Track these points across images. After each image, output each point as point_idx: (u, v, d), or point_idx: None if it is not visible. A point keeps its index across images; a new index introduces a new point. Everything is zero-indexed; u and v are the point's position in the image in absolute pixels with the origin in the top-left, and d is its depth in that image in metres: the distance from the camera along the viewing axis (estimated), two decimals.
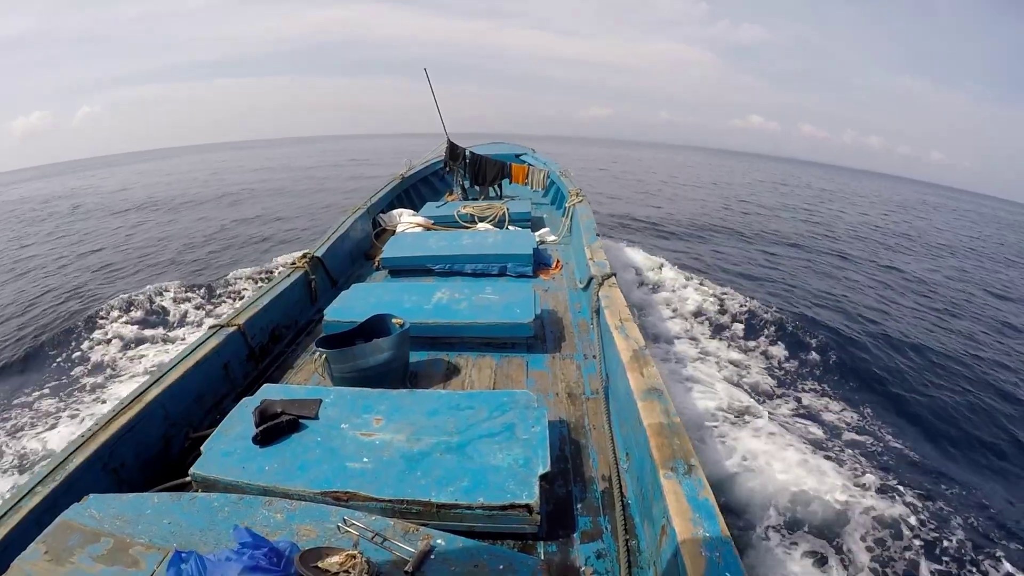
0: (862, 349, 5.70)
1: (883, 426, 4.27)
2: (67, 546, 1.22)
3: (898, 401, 4.74)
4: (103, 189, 21.88)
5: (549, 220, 5.64)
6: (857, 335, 6.11)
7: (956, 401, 4.85)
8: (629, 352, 2.14)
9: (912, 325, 6.89)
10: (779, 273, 8.67)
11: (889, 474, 3.54)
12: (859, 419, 4.33)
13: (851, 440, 3.95)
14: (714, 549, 1.20)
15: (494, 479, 1.54)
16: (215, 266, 8.00)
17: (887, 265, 10.36)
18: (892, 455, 3.86)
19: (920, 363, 5.63)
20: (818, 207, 19.91)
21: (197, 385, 2.20)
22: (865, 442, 3.95)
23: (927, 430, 4.41)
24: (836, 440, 3.90)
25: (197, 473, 1.62)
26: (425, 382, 2.51)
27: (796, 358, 5.23)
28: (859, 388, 4.88)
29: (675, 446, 1.54)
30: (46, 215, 15.05)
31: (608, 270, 3.12)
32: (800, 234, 12.66)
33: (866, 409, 4.48)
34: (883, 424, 4.30)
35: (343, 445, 1.70)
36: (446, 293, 3.02)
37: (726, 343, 5.40)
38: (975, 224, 23.67)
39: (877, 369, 5.29)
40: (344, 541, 1.26)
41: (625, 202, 15.32)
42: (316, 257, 3.55)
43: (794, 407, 4.32)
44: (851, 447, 3.83)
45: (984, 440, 4.32)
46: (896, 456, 3.87)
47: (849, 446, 3.84)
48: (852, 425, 4.20)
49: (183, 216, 13.12)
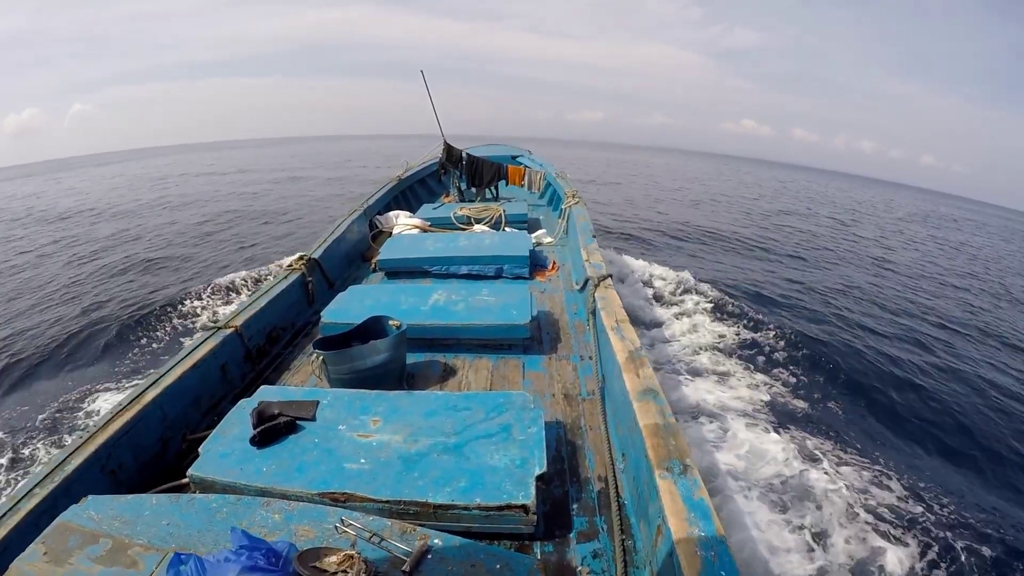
0: (855, 356, 5.74)
1: (887, 433, 4.31)
2: (66, 547, 1.23)
3: (899, 409, 4.76)
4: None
5: (545, 222, 5.66)
6: (845, 339, 6.17)
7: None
8: (625, 353, 2.15)
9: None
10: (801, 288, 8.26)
11: (891, 473, 3.58)
12: (860, 419, 4.37)
13: (854, 440, 3.98)
14: (709, 548, 1.21)
15: (491, 480, 1.55)
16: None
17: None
18: (898, 455, 3.90)
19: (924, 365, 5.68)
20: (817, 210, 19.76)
21: (194, 387, 2.20)
22: (869, 443, 3.98)
23: (926, 429, 4.45)
24: (838, 440, 3.93)
25: (195, 475, 1.63)
26: (422, 383, 2.51)
27: (798, 365, 5.25)
28: (852, 389, 4.92)
29: (671, 446, 1.56)
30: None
31: (604, 271, 3.14)
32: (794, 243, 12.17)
33: (865, 414, 4.52)
34: (887, 431, 4.34)
35: (340, 446, 1.71)
36: (443, 295, 3.03)
37: (726, 345, 5.42)
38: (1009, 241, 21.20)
39: (872, 374, 5.34)
40: (342, 541, 1.27)
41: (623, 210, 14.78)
42: (313, 259, 3.56)
43: (791, 406, 4.35)
44: (854, 446, 3.87)
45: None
46: (901, 456, 3.91)
47: (852, 446, 3.87)
48: (854, 427, 4.24)
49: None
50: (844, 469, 3.53)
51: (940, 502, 3.38)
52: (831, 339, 5.95)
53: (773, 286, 7.95)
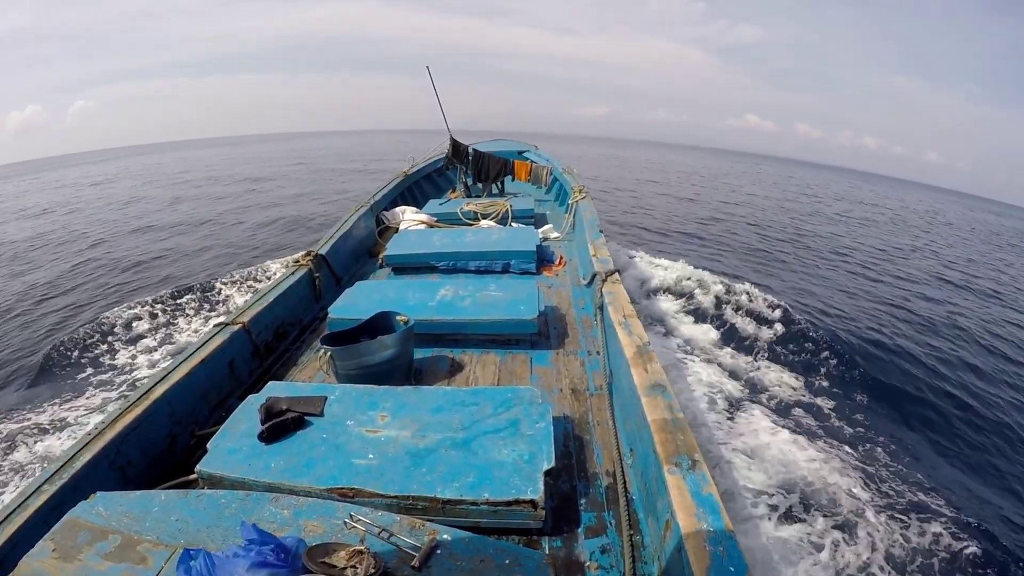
0: (869, 355, 5.68)
1: (892, 427, 4.26)
2: (75, 543, 1.23)
3: (910, 406, 4.70)
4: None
5: (552, 217, 5.64)
6: (860, 340, 6.10)
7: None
8: (633, 348, 2.14)
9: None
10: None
11: (898, 468, 3.54)
12: (865, 419, 4.32)
13: (860, 438, 3.94)
14: (718, 543, 1.20)
15: (499, 475, 1.55)
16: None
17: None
18: (905, 453, 3.86)
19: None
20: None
21: (202, 383, 2.21)
22: (877, 441, 3.94)
23: (925, 431, 4.40)
24: (845, 437, 3.90)
25: (203, 470, 1.63)
26: (430, 379, 2.51)
27: (807, 360, 5.21)
28: (866, 387, 4.86)
29: (679, 441, 1.54)
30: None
31: (611, 266, 3.12)
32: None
33: (875, 412, 4.47)
34: (892, 426, 4.29)
35: (349, 442, 1.71)
36: (450, 290, 3.02)
37: (734, 340, 5.39)
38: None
39: (892, 372, 5.28)
40: (351, 537, 1.27)
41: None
42: (320, 255, 3.56)
43: (801, 402, 4.31)
44: (860, 446, 3.83)
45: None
46: (906, 451, 3.87)
47: (858, 444, 3.84)
48: (860, 424, 4.20)
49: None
50: (855, 465, 3.50)
51: (954, 503, 3.34)
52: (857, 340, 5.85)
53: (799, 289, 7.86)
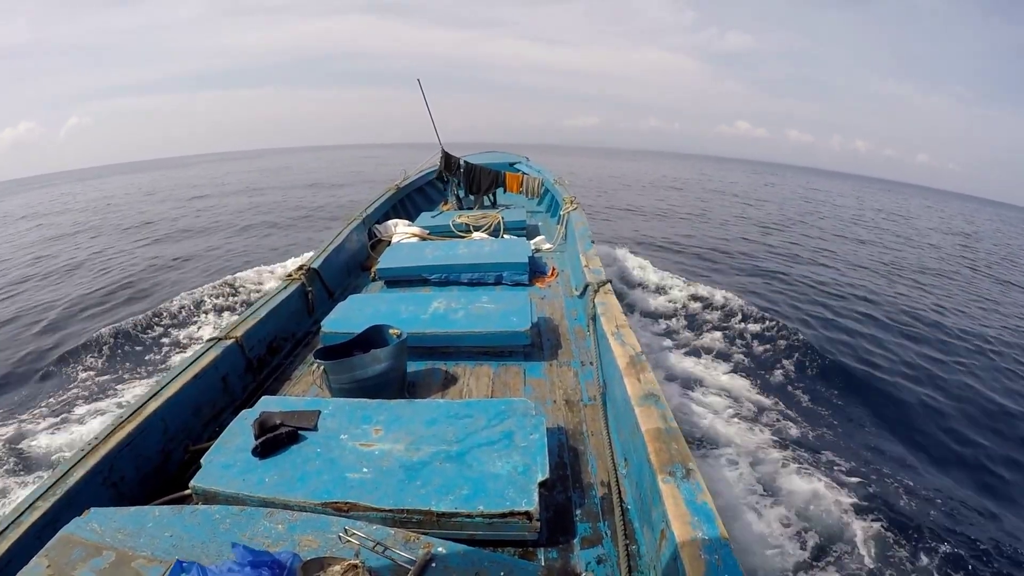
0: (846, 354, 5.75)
1: (883, 437, 4.30)
2: (69, 560, 1.23)
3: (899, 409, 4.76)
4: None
5: (544, 228, 5.68)
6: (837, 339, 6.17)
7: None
8: (626, 358, 2.15)
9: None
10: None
11: (893, 479, 3.57)
12: (857, 429, 4.37)
13: (856, 447, 3.98)
14: (713, 552, 1.21)
15: (493, 487, 1.55)
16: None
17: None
18: (900, 464, 3.89)
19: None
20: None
21: (195, 398, 2.20)
22: (871, 451, 3.98)
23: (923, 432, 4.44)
24: (839, 445, 3.93)
25: (197, 486, 1.62)
26: (423, 392, 2.51)
27: (798, 368, 5.26)
28: (850, 391, 4.91)
29: (673, 451, 1.56)
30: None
31: (603, 277, 3.15)
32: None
33: (867, 421, 4.51)
34: (883, 436, 4.33)
35: (343, 456, 1.71)
36: (443, 303, 3.03)
37: (724, 347, 5.43)
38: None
39: (871, 372, 5.34)
40: (346, 551, 1.27)
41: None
42: (312, 269, 3.56)
43: (790, 409, 4.35)
44: (857, 453, 3.86)
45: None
46: (906, 464, 3.90)
47: (854, 453, 3.87)
48: (855, 435, 4.24)
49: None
50: (848, 472, 3.53)
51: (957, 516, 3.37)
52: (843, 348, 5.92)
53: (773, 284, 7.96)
